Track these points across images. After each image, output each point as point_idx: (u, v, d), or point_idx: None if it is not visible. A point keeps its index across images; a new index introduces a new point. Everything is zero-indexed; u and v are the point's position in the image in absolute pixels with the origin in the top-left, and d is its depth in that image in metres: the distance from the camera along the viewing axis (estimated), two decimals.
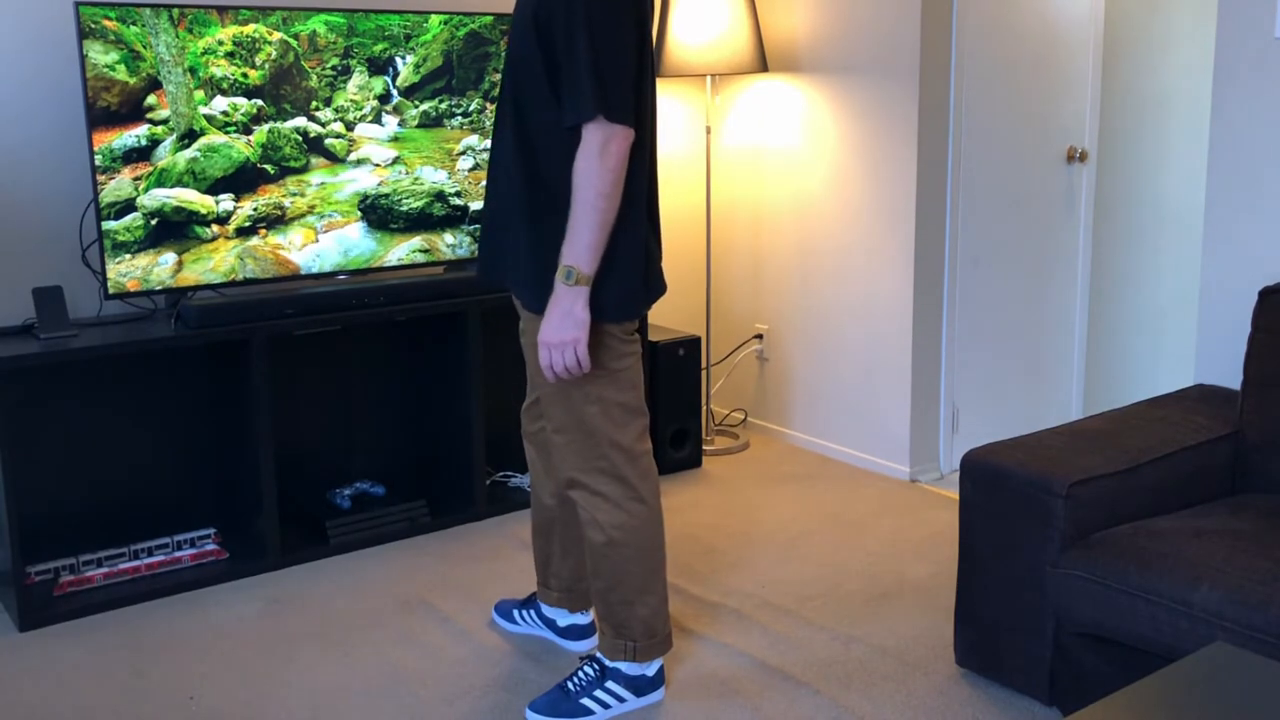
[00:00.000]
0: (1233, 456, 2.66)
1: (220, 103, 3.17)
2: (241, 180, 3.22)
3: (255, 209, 3.25)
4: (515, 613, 2.90)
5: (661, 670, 2.56)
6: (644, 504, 2.44)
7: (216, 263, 3.21)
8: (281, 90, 3.25)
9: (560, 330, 2.24)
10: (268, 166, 3.26)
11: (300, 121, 3.29)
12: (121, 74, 3.02)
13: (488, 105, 3.58)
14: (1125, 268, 4.46)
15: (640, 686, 2.53)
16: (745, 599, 3.05)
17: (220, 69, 3.15)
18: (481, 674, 2.69)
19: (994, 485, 2.46)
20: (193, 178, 3.16)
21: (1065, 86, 4.02)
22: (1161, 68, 4.39)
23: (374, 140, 3.41)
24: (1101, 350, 4.45)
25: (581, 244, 2.20)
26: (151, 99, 3.08)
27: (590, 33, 2.15)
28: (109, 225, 3.05)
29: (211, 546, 3.29)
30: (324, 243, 3.36)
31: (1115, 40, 4.26)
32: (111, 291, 3.08)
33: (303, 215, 3.32)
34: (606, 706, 2.51)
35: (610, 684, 2.52)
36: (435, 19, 3.46)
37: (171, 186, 3.13)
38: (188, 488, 3.45)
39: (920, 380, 3.87)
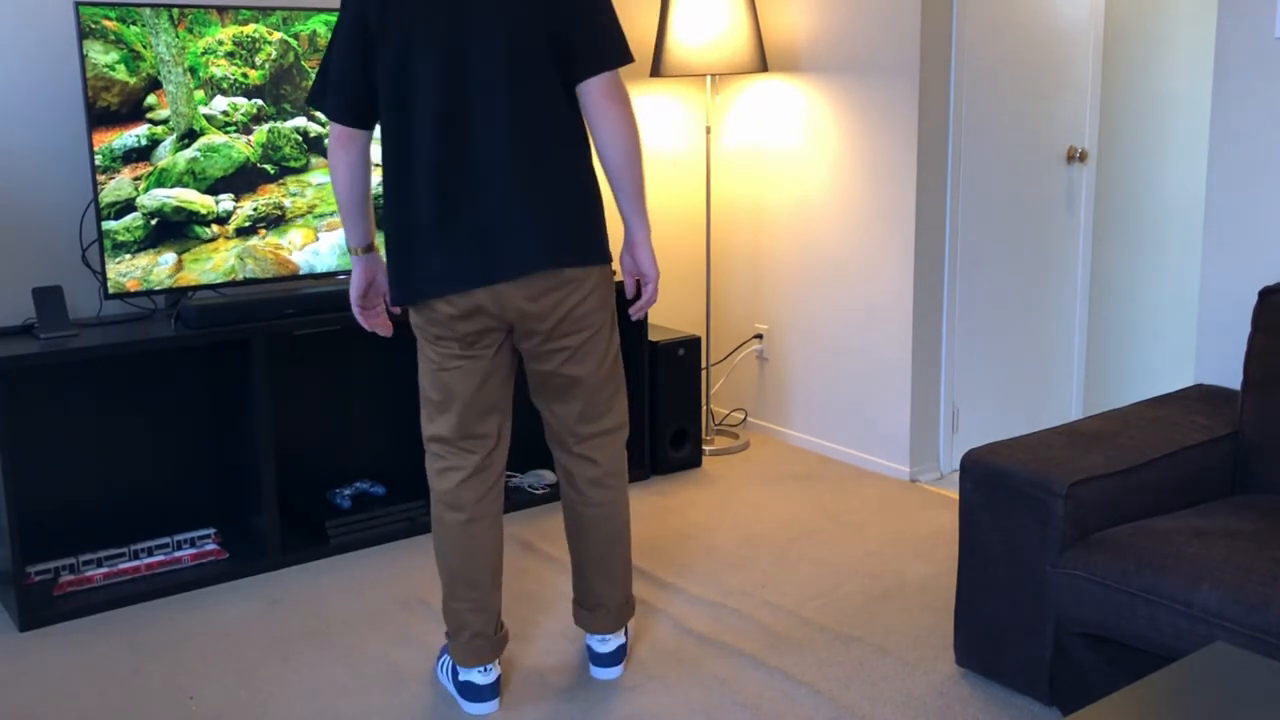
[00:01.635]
0: (1233, 456, 2.66)
1: (220, 103, 3.17)
2: (241, 180, 3.22)
3: (255, 209, 3.25)
4: None
5: (475, 687, 2.50)
6: (431, 490, 2.53)
7: (216, 263, 3.21)
8: (281, 90, 3.25)
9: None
10: (268, 166, 3.26)
11: (300, 121, 3.29)
12: (121, 74, 3.02)
13: None
14: (1125, 268, 4.46)
15: (459, 685, 2.56)
16: (745, 599, 3.05)
17: (220, 69, 3.15)
18: None
19: (994, 485, 2.46)
20: (193, 178, 3.16)
21: (1065, 86, 4.02)
22: (1161, 68, 4.39)
23: (374, 140, 3.41)
24: (1101, 350, 4.45)
25: None
26: (151, 99, 3.08)
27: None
28: (109, 225, 3.05)
29: (211, 546, 3.29)
30: (324, 242, 3.36)
31: (1115, 40, 4.26)
32: (111, 291, 3.08)
33: (303, 215, 3.32)
34: (445, 675, 2.64)
35: (445, 658, 2.65)
36: None
37: (171, 186, 3.13)
38: (188, 488, 3.45)
39: (920, 380, 3.88)
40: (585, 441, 2.52)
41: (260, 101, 3.22)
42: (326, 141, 2.46)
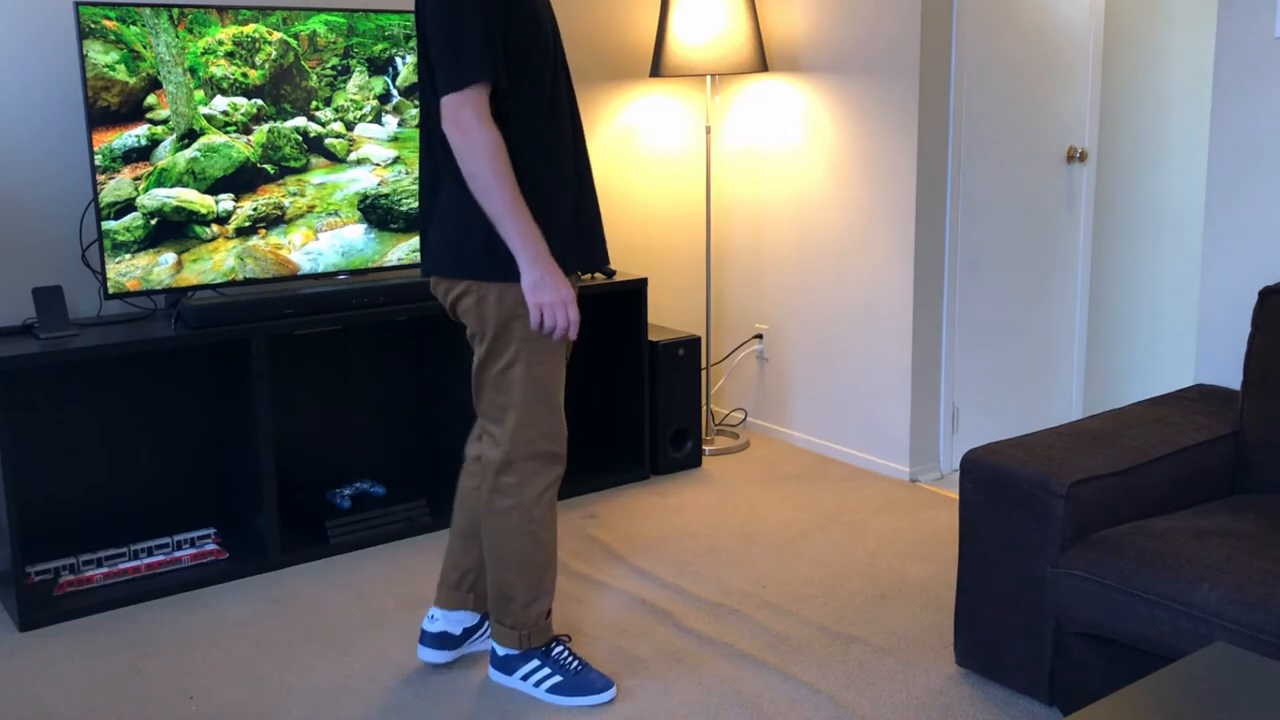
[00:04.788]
0: (1233, 456, 2.66)
1: (220, 102, 3.17)
2: (241, 180, 3.22)
3: (255, 209, 3.25)
4: None
5: (421, 630, 2.75)
6: None
7: (216, 262, 3.21)
8: (281, 90, 3.25)
9: None
10: (268, 166, 3.26)
11: (300, 121, 3.29)
12: (121, 74, 3.02)
13: None
14: (1125, 268, 4.46)
15: None
16: (745, 599, 3.05)
17: (220, 69, 3.15)
18: (481, 674, 2.69)
19: (994, 485, 2.46)
20: (192, 177, 3.16)
21: (1065, 86, 4.02)
22: (1161, 67, 4.39)
23: (374, 140, 3.41)
24: (1101, 350, 4.45)
25: None
26: (151, 99, 3.08)
27: None
28: (109, 225, 3.05)
29: (211, 546, 3.29)
30: (324, 242, 3.36)
31: (1115, 40, 4.26)
32: (111, 291, 3.08)
33: (303, 215, 3.32)
34: None
35: None
36: None
37: (171, 186, 3.13)
38: (188, 488, 3.45)
39: (920, 380, 3.87)
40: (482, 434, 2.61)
41: (260, 101, 3.22)
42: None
